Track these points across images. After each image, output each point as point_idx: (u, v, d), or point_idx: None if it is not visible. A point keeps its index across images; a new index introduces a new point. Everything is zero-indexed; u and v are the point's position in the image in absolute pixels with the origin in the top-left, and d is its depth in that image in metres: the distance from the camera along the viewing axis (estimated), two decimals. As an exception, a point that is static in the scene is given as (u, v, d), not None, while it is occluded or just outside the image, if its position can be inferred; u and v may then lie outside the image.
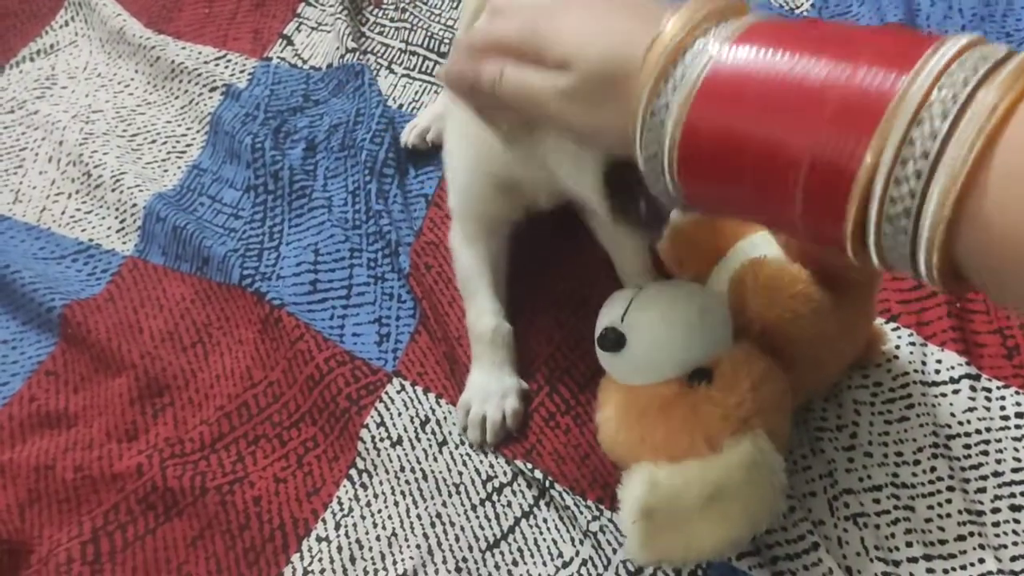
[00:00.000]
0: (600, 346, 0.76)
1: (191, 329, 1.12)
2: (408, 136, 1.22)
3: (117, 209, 1.25)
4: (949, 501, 0.82)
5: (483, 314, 0.96)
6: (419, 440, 0.95)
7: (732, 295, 0.78)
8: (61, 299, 1.14)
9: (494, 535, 0.88)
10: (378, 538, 0.89)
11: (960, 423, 0.87)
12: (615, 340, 0.73)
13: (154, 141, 1.34)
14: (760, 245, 0.81)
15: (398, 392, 0.99)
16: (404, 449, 0.94)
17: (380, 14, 1.44)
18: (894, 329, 0.94)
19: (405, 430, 0.96)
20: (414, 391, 0.99)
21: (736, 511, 0.70)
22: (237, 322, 1.12)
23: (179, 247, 1.19)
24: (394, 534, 0.89)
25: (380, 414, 0.97)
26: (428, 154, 1.21)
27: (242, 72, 1.40)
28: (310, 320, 1.08)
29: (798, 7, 1.33)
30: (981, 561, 0.78)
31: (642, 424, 0.73)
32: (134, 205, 1.24)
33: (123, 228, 1.24)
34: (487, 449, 0.92)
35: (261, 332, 1.09)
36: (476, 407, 0.92)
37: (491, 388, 0.92)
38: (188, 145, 1.33)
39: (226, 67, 1.41)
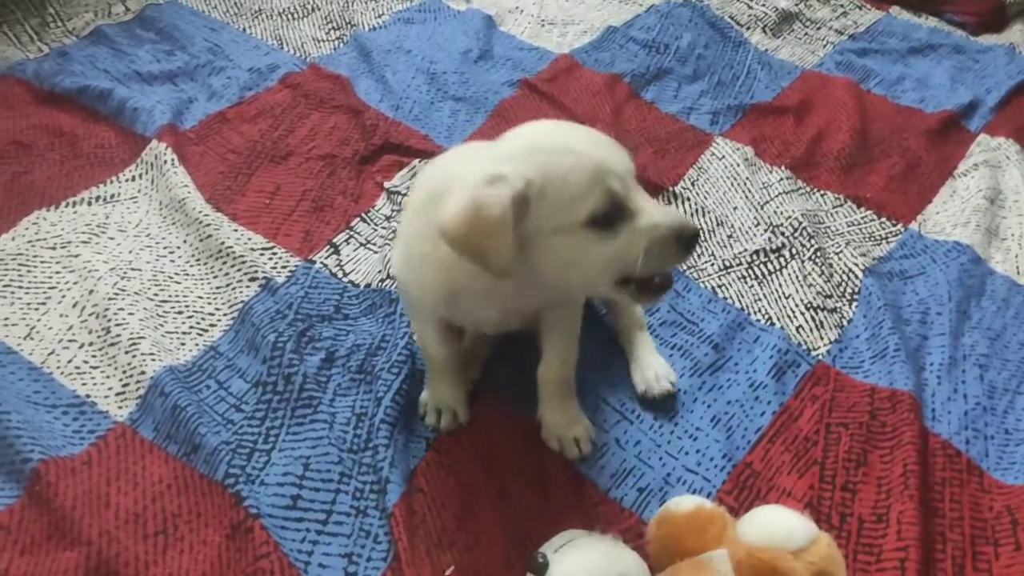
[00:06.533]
0: (528, 567, 0.91)
1: (159, 516, 1.09)
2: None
3: (124, 372, 1.25)
4: None
5: (433, 344, 1.16)
6: None
7: None
8: (40, 452, 1.12)
9: None
10: None
11: None
12: (541, 564, 0.90)
13: (180, 312, 1.36)
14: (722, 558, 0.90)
15: (350, 645, 0.95)
16: None
17: (427, 246, 1.50)
18: None
19: None
20: (366, 647, 0.95)
21: None
22: (207, 520, 1.08)
23: (173, 427, 1.17)
24: None
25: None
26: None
27: (284, 267, 1.44)
28: (281, 538, 1.05)
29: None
30: None
31: None
32: (142, 373, 1.24)
33: (124, 393, 1.23)
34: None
35: (228, 538, 1.06)
36: (431, 403, 1.21)
37: (443, 397, 1.20)
38: (212, 325, 1.35)
39: (270, 259, 1.45)
